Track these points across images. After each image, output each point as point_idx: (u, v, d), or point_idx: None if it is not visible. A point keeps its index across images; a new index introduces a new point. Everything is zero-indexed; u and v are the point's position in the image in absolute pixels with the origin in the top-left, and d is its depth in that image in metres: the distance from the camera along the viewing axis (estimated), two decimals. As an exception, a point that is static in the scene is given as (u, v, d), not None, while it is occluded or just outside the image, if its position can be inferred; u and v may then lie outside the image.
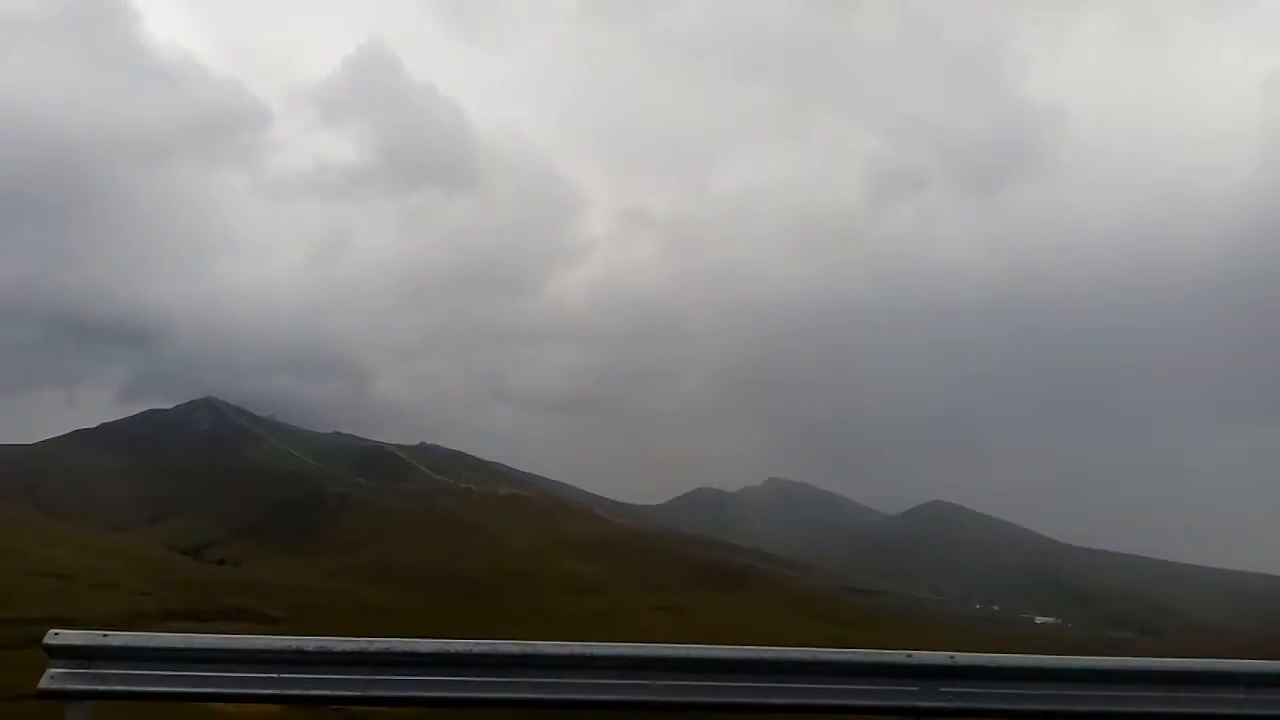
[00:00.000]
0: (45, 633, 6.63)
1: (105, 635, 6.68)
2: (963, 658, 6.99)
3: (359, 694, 6.63)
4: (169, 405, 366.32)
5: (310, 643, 6.67)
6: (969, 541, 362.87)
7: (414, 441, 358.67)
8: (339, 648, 6.64)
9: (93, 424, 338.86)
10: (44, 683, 6.46)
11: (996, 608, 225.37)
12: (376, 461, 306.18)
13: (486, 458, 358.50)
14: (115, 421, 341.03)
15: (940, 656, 6.96)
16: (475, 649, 6.74)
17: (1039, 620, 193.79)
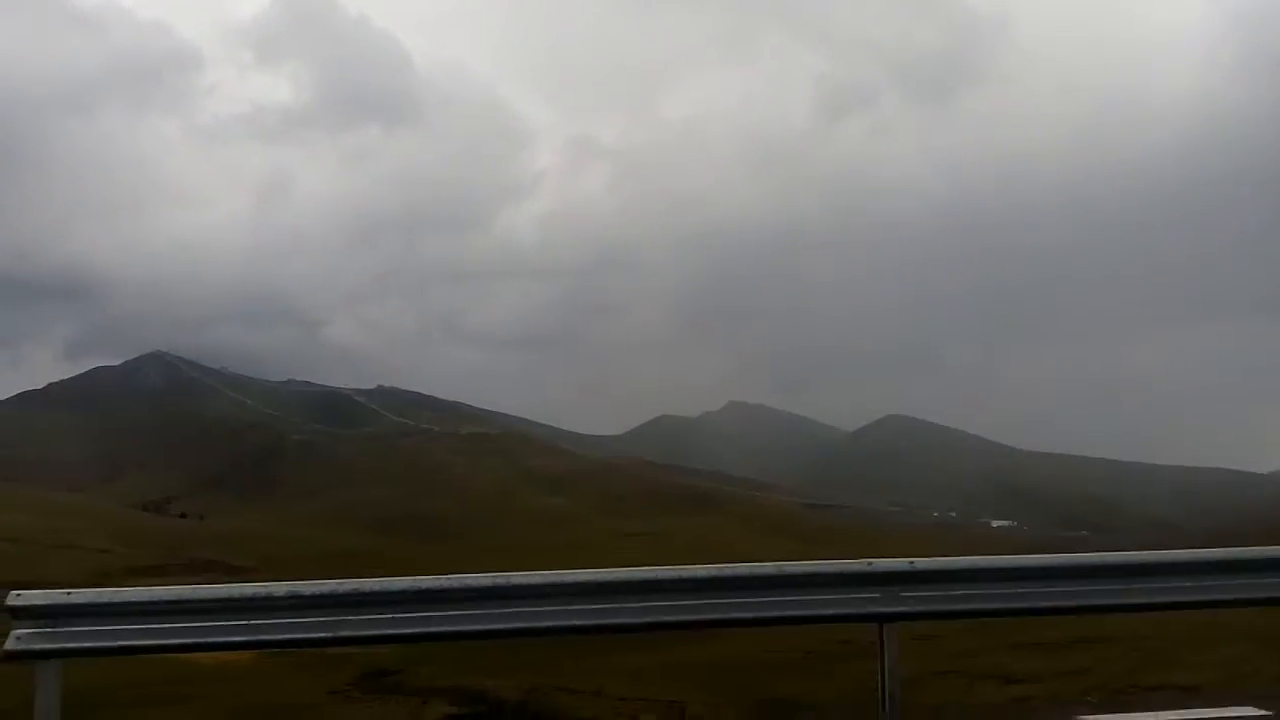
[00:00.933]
0: (3, 599, 6.55)
1: (69, 594, 6.63)
2: (921, 563, 7.19)
3: (331, 635, 6.67)
4: (117, 361, 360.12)
5: (280, 588, 6.68)
6: (926, 453, 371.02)
7: (371, 385, 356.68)
8: (309, 590, 6.66)
9: (39, 384, 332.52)
10: (10, 644, 6.41)
11: (954, 515, 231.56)
12: (334, 407, 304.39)
13: (446, 397, 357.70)
14: (63, 381, 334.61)
15: (900, 563, 7.15)
16: (446, 583, 6.79)
17: (995, 524, 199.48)
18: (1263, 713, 6.00)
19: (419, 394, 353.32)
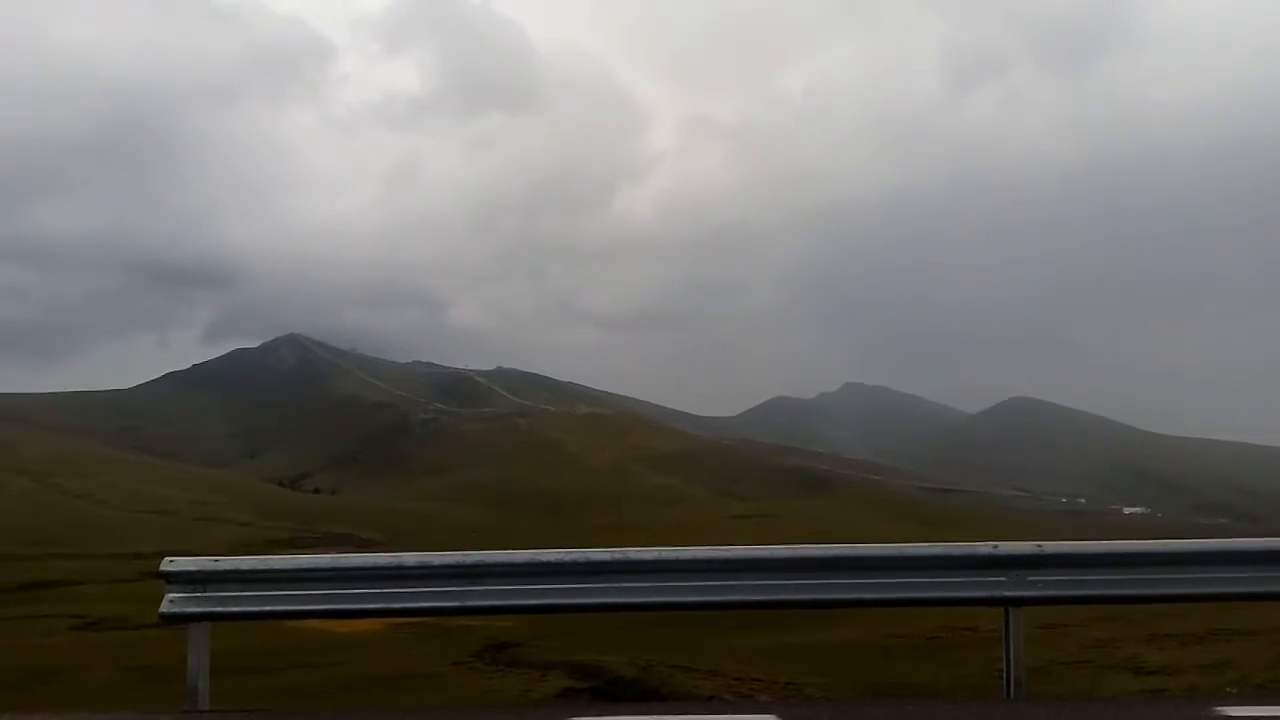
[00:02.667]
0: (156, 566, 7.02)
1: (216, 561, 7.06)
2: (1050, 546, 6.99)
3: (458, 604, 6.93)
4: (254, 343, 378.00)
5: (410, 558, 6.96)
6: (1052, 436, 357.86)
7: (491, 366, 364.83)
8: (437, 561, 6.93)
9: (184, 365, 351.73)
10: (164, 607, 6.86)
11: (1083, 501, 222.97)
12: (457, 387, 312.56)
13: (562, 378, 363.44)
14: (205, 362, 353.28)
15: (1028, 546, 6.97)
16: (567, 557, 6.96)
17: (1127, 511, 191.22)
18: None
19: (536, 375, 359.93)
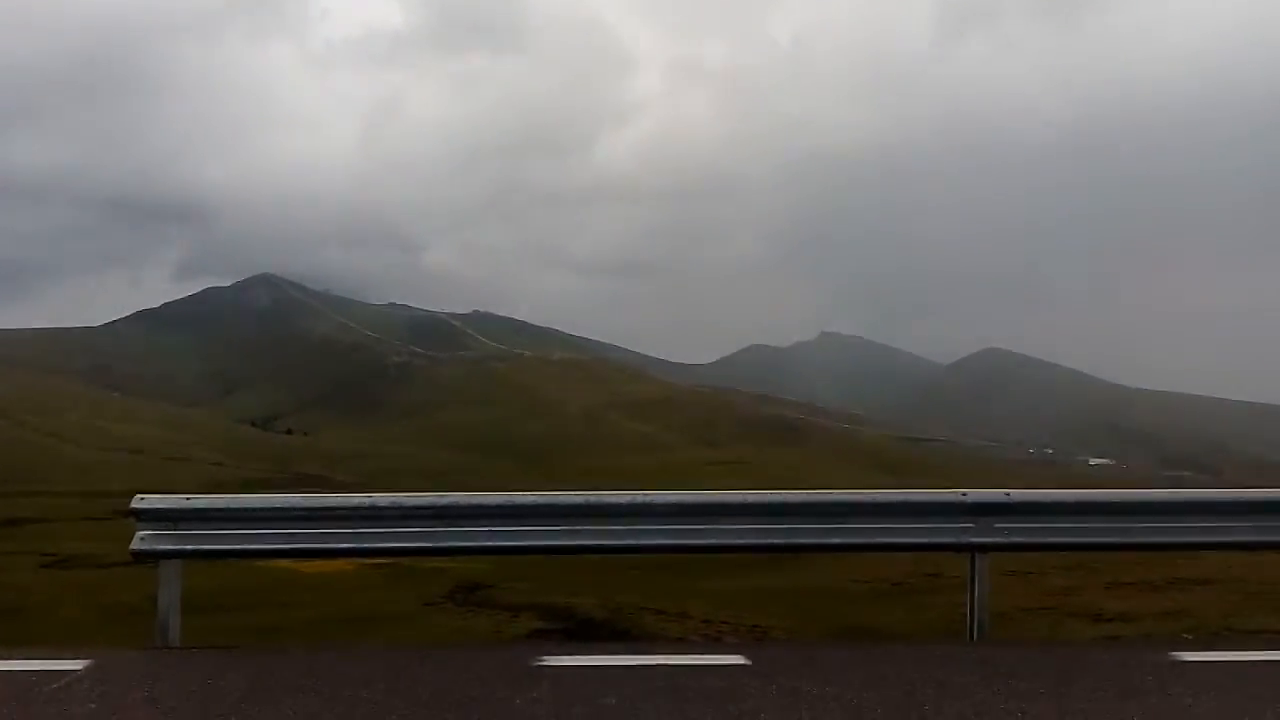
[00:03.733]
0: (126, 505, 6.97)
1: (188, 499, 7.02)
2: (1018, 494, 7.08)
3: (431, 545, 6.95)
4: (226, 282, 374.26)
5: (383, 499, 6.96)
6: (1023, 387, 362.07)
7: (468, 310, 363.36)
8: (411, 502, 6.92)
9: (155, 304, 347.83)
10: (134, 544, 6.83)
11: (1051, 451, 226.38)
12: (432, 330, 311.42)
13: (540, 323, 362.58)
14: (176, 300, 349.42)
15: (996, 494, 7.06)
16: (541, 500, 6.98)
17: (1093, 462, 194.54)
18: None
19: (513, 319, 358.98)
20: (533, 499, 6.99)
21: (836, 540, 7.13)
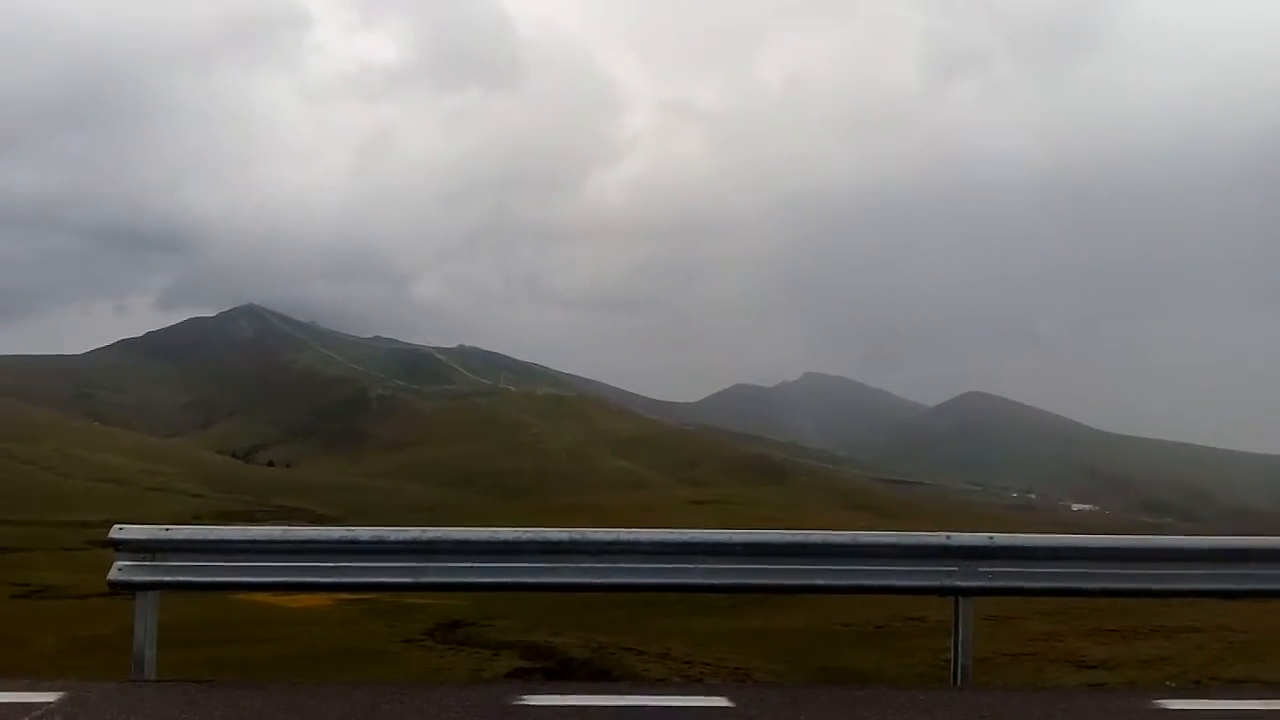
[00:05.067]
0: (104, 535, 6.90)
1: (167, 529, 6.95)
2: (1001, 538, 7.10)
3: (412, 580, 6.88)
4: (211, 312, 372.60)
5: (365, 533, 6.91)
6: (1007, 432, 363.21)
7: (453, 344, 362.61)
8: (393, 537, 6.87)
9: (138, 333, 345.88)
10: (112, 575, 6.75)
11: (1034, 496, 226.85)
12: (417, 364, 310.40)
13: (525, 359, 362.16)
14: (160, 330, 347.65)
15: (979, 538, 7.07)
16: (524, 536, 6.95)
17: (1075, 508, 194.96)
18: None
19: (499, 354, 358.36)
20: (515, 535, 6.96)
21: (820, 582, 7.11)
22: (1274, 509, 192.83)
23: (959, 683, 6.80)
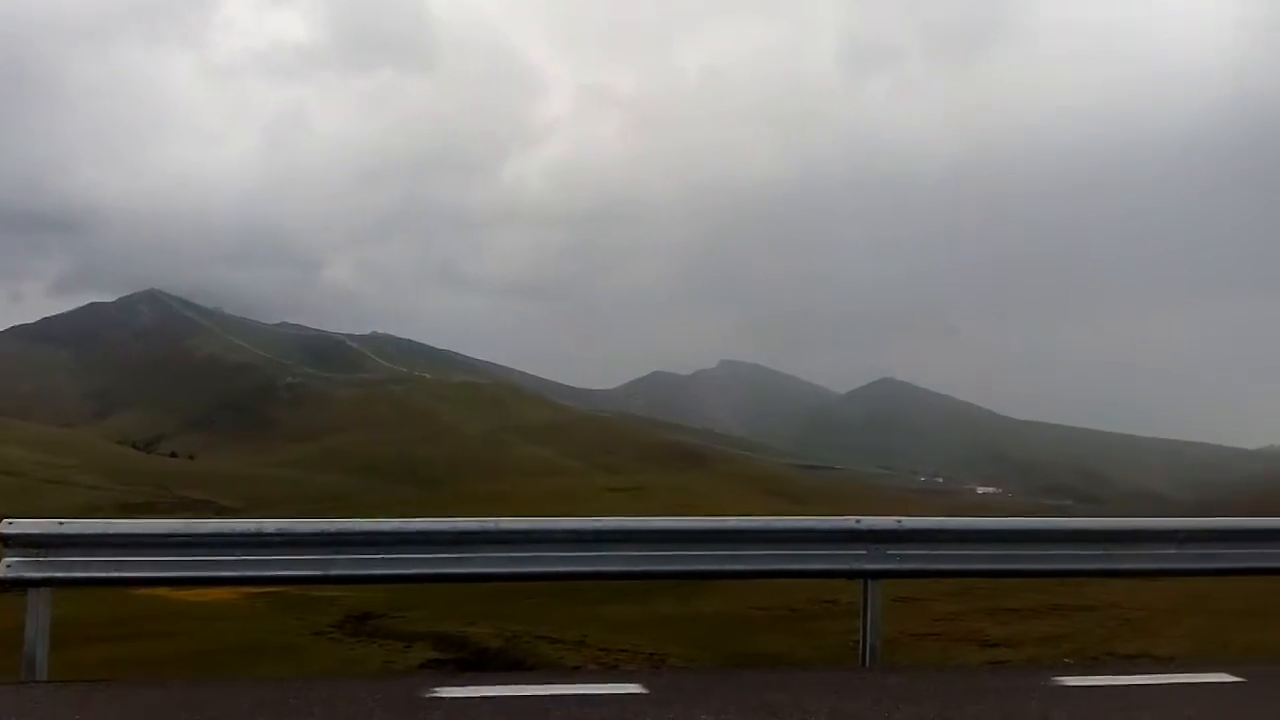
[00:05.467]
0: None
1: (61, 523, 6.65)
2: (909, 521, 7.25)
3: (321, 573, 6.71)
4: (110, 298, 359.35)
5: (270, 525, 6.70)
6: (917, 418, 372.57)
7: (365, 331, 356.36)
8: (299, 529, 6.68)
9: (32, 319, 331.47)
10: (0, 572, 6.44)
11: (941, 480, 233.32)
12: (328, 351, 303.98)
13: (440, 345, 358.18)
14: (56, 316, 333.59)
15: (888, 521, 7.21)
16: (435, 526, 6.84)
17: (981, 490, 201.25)
18: (1236, 679, 6.10)
19: (412, 341, 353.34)
20: (427, 525, 6.84)
21: (733, 567, 7.18)
22: (1171, 491, 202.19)
23: (867, 663, 6.94)
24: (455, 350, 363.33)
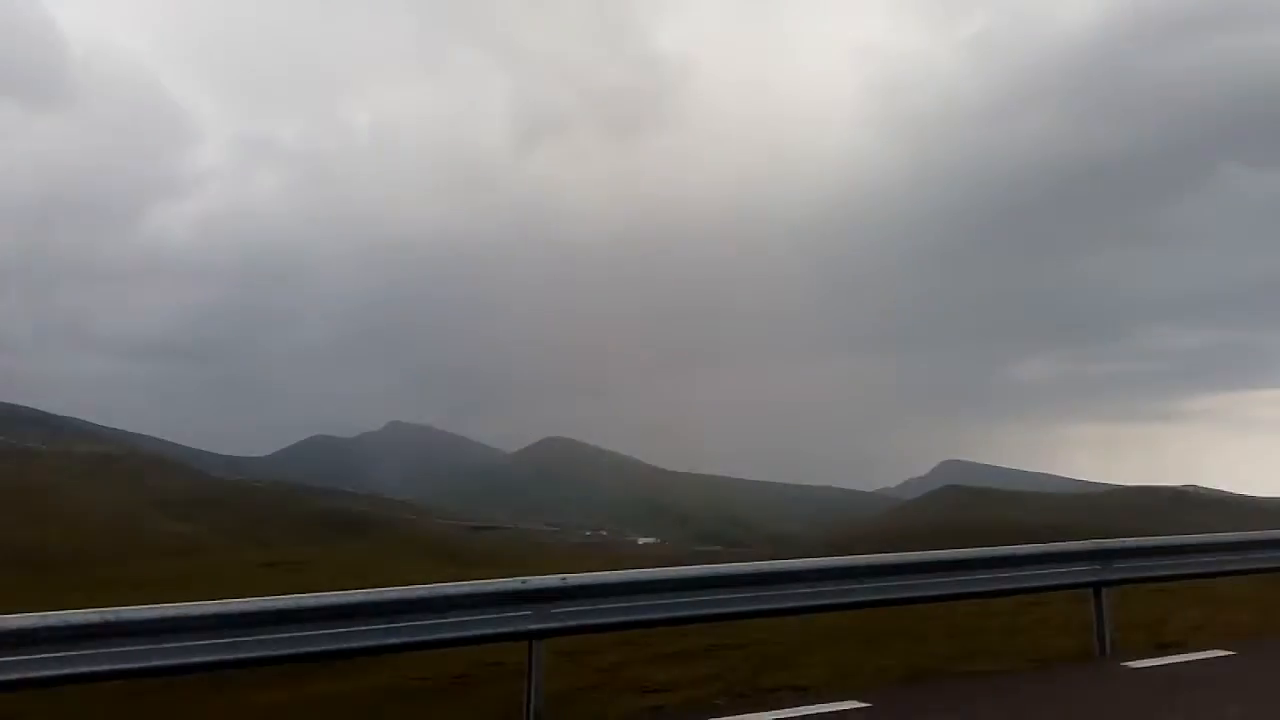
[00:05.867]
0: None
1: None
2: (574, 578, 7.35)
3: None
4: None
5: None
6: (582, 474, 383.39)
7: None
8: None
9: None
10: None
11: (605, 533, 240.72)
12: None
13: (61, 413, 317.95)
14: None
15: (553, 580, 7.27)
16: (42, 622, 5.95)
17: (642, 541, 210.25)
18: (863, 704, 6.72)
19: (26, 408, 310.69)
20: (32, 622, 5.93)
21: (397, 640, 6.89)
22: (805, 532, 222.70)
23: (533, 726, 6.89)
24: (82, 418, 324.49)
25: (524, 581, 7.19)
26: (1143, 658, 9.13)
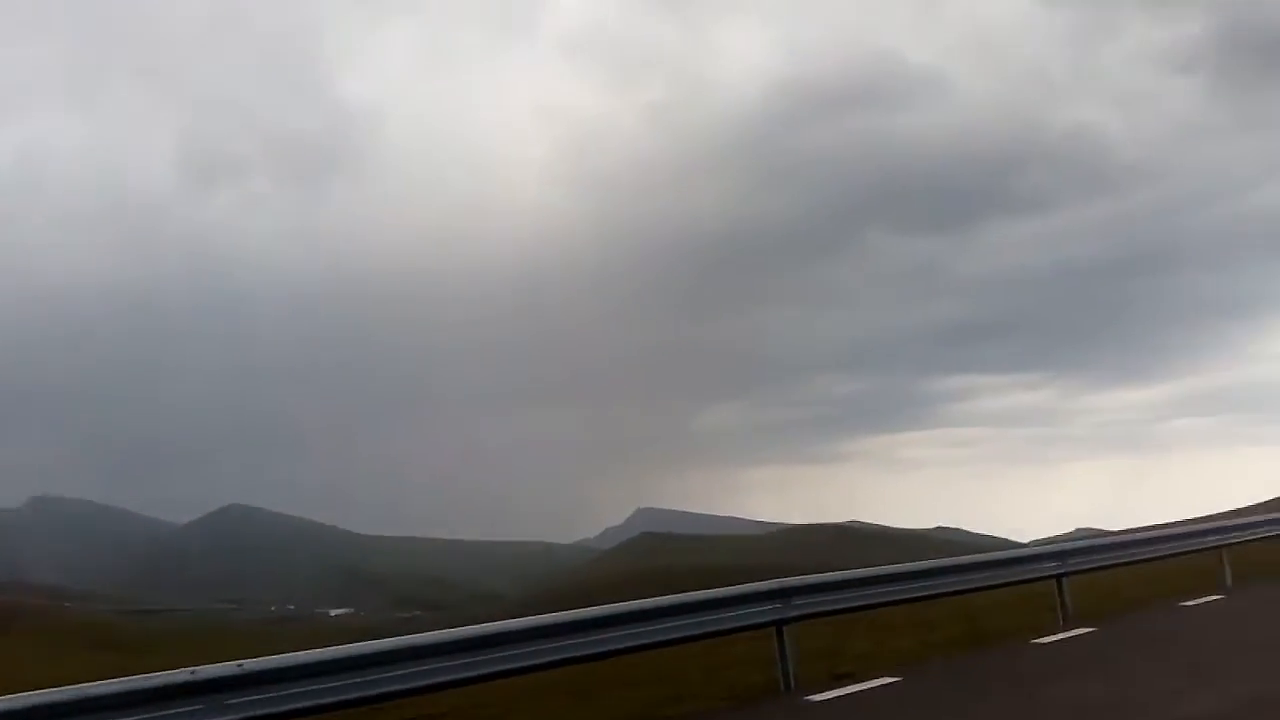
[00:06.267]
0: None
1: None
2: (251, 664, 6.66)
3: None
4: None
5: None
6: (266, 544, 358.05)
7: None
8: None
9: None
10: None
11: (292, 607, 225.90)
12: None
13: None
14: None
15: (228, 667, 6.54)
16: None
17: (334, 613, 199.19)
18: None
19: None
20: None
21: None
22: (508, 589, 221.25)
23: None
24: None
25: (193, 672, 6.38)
26: (822, 690, 9.71)
